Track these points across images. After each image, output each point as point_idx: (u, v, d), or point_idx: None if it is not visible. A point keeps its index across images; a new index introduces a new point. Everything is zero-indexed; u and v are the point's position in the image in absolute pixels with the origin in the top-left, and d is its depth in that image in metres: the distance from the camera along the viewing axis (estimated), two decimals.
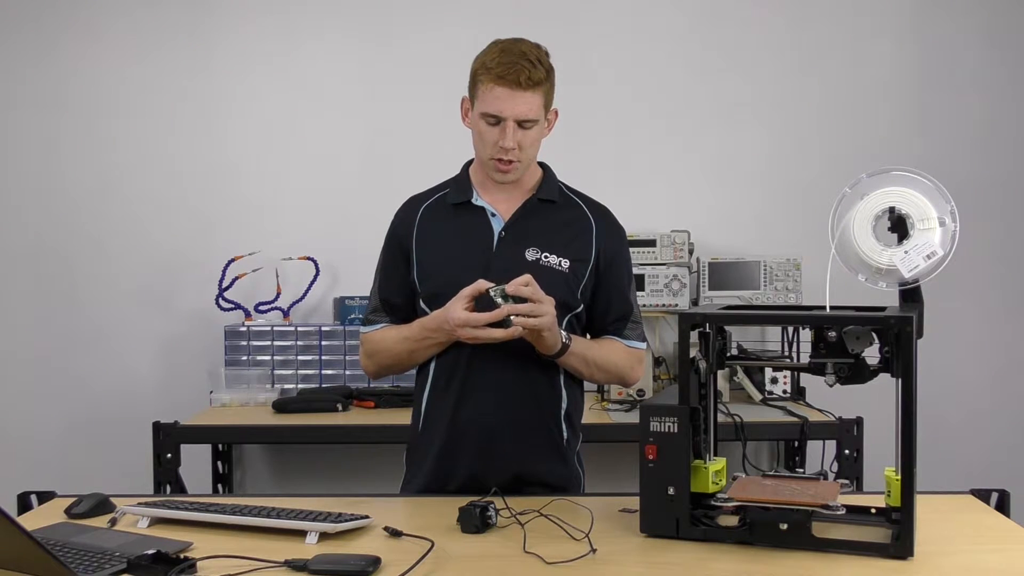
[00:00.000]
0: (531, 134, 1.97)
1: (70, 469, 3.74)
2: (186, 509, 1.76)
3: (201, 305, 3.75)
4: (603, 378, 2.14)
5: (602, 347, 2.08)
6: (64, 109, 3.82)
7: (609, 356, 2.07)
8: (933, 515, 1.74)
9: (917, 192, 1.66)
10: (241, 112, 3.83)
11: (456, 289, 1.95)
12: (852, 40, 3.81)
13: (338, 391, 3.44)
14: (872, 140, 3.78)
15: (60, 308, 3.82)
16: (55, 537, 1.62)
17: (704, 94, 3.82)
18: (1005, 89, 3.81)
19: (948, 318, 3.63)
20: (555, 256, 2.02)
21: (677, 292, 3.49)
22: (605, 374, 2.11)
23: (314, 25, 3.82)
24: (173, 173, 3.82)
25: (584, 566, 1.53)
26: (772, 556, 1.56)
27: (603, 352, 2.07)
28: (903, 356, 1.56)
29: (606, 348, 2.08)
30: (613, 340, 2.10)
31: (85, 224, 3.82)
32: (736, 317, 1.79)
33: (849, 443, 3.07)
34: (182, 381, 3.76)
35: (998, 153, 3.81)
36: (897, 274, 1.65)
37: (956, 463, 3.65)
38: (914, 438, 1.56)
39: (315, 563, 1.49)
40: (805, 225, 3.64)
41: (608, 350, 2.08)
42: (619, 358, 2.09)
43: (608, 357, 2.07)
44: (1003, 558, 1.57)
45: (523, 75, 1.90)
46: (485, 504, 1.72)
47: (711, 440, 1.75)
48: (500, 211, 2.05)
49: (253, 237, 3.76)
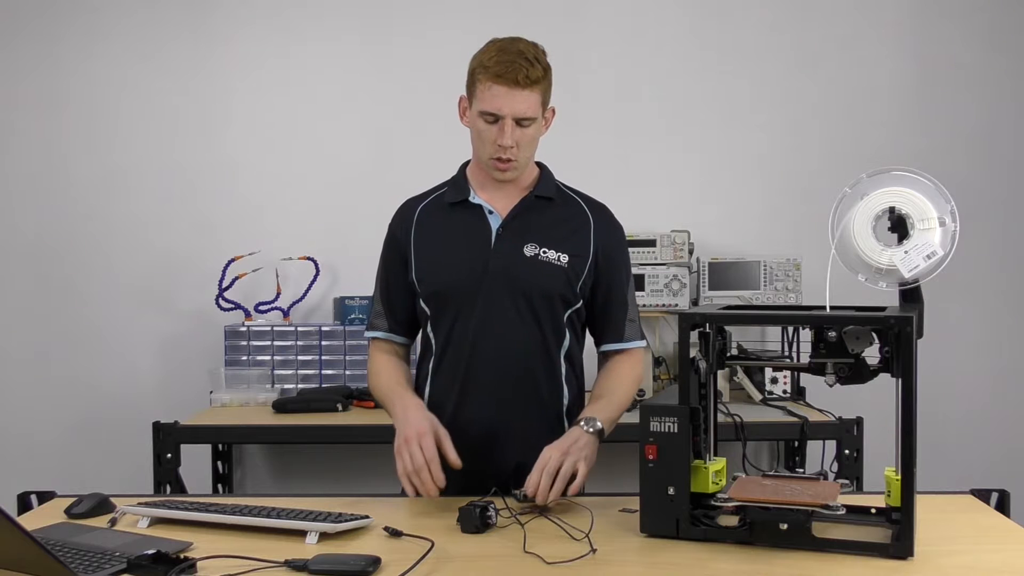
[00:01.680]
0: (529, 132, 1.97)
1: (70, 469, 3.74)
2: (186, 509, 1.76)
3: (201, 305, 3.75)
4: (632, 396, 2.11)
5: (614, 390, 2.05)
6: (64, 109, 3.82)
7: (625, 389, 2.06)
8: (933, 515, 1.74)
9: (917, 192, 1.66)
10: (241, 112, 3.83)
11: (455, 289, 1.96)
12: (852, 40, 3.81)
13: (338, 391, 3.44)
14: (872, 140, 3.78)
15: (60, 308, 3.82)
16: (55, 537, 1.62)
17: (704, 94, 3.82)
18: (1005, 89, 3.81)
19: (948, 318, 3.64)
20: (553, 251, 2.02)
21: (677, 292, 3.49)
22: (631, 395, 2.08)
23: (314, 25, 3.82)
24: (173, 173, 3.82)
25: (584, 566, 1.53)
26: (772, 556, 1.56)
27: (619, 395, 2.04)
28: (903, 356, 1.56)
29: (616, 385, 2.06)
30: (612, 365, 2.09)
31: (85, 224, 3.82)
32: (736, 317, 1.79)
33: (849, 443, 3.07)
34: (182, 381, 3.76)
35: (998, 153, 3.81)
36: (897, 274, 1.65)
37: (956, 463, 3.65)
38: (914, 438, 1.56)
39: (315, 563, 1.49)
40: (805, 225, 3.64)
41: (617, 383, 2.06)
42: (628, 382, 2.08)
43: (625, 391, 2.06)
44: (1003, 558, 1.56)
45: (521, 73, 1.91)
46: (485, 504, 1.72)
47: (711, 440, 1.75)
48: (497, 208, 2.05)
49: (253, 237, 3.76)
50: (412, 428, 1.89)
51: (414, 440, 1.86)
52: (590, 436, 1.90)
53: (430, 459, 1.84)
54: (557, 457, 1.82)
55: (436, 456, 1.85)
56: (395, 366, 2.12)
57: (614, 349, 2.11)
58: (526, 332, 2.00)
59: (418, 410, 1.95)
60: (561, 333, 2.04)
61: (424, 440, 1.85)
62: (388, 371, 2.10)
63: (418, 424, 1.89)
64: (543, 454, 1.84)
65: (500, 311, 2.00)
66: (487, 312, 2.00)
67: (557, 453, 1.83)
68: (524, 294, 2.00)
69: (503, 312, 2.00)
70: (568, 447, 1.85)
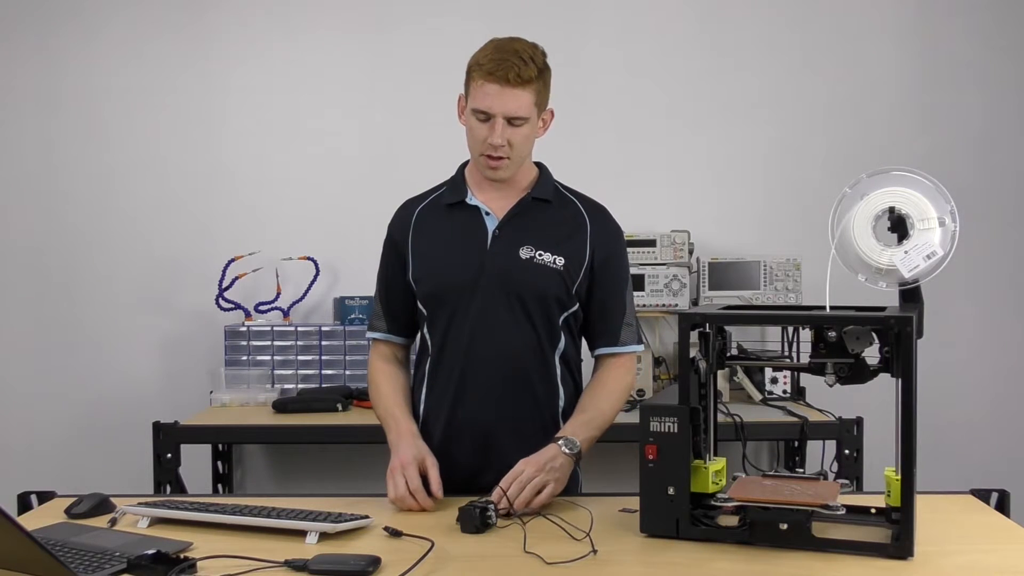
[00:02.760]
0: (521, 132, 1.96)
1: (70, 469, 3.74)
2: (186, 509, 1.77)
3: (201, 305, 3.75)
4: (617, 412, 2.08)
5: (599, 405, 2.02)
6: (62, 109, 3.82)
7: (611, 404, 2.03)
8: (933, 515, 1.74)
9: (917, 192, 1.66)
10: (241, 112, 3.83)
11: (451, 289, 1.97)
12: (852, 40, 3.81)
13: (338, 391, 3.44)
14: (872, 140, 3.78)
15: (60, 308, 3.82)
16: (55, 537, 1.62)
17: (705, 94, 3.82)
18: (1006, 89, 3.81)
19: (948, 318, 3.63)
20: (549, 254, 2.02)
21: (677, 292, 3.49)
22: (616, 412, 2.06)
23: (314, 25, 3.82)
24: (173, 173, 3.82)
25: (584, 566, 1.53)
26: (772, 556, 1.56)
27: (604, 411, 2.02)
28: (903, 356, 1.56)
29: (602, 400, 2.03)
30: (601, 375, 2.07)
31: (85, 224, 3.82)
32: (736, 317, 1.79)
33: (849, 443, 3.07)
34: (182, 381, 3.76)
35: (998, 153, 3.81)
36: (897, 274, 1.65)
37: (956, 463, 3.65)
38: (914, 438, 1.56)
39: (315, 563, 1.49)
40: (805, 225, 3.63)
41: (603, 397, 2.03)
42: (616, 396, 2.05)
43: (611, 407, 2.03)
44: (1003, 558, 1.57)
45: (512, 72, 1.90)
46: (485, 504, 1.72)
47: (711, 440, 1.75)
48: (494, 210, 2.05)
49: (253, 237, 3.76)
50: (398, 459, 1.92)
51: (399, 470, 1.89)
52: (566, 458, 1.90)
53: (414, 490, 1.86)
54: (530, 472, 1.84)
55: (419, 486, 1.87)
56: (394, 379, 2.11)
57: (608, 353, 2.09)
58: (520, 333, 2.00)
59: (408, 438, 1.97)
60: (556, 335, 2.04)
61: (408, 471, 1.88)
62: (387, 388, 2.09)
63: (403, 454, 1.92)
64: (517, 467, 1.85)
65: (495, 312, 1.99)
66: (482, 313, 2.00)
67: (532, 469, 1.84)
68: (519, 296, 1.99)
69: (498, 313, 1.99)
70: (544, 464, 1.86)
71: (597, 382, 2.08)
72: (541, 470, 1.85)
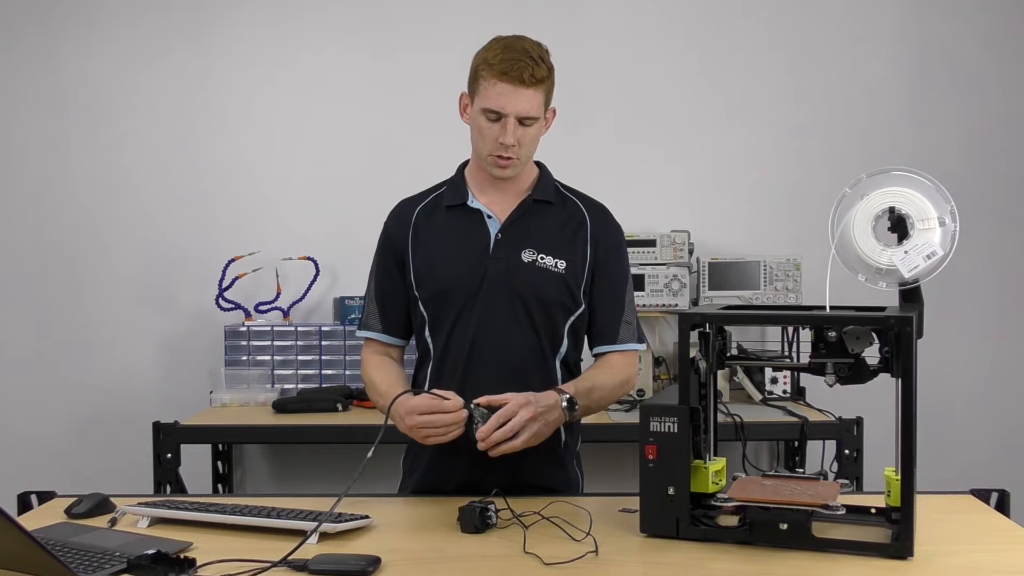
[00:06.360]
0: (531, 131, 1.96)
1: (70, 469, 3.74)
2: (186, 509, 1.77)
3: (201, 305, 3.75)
4: (612, 401, 2.11)
5: (604, 383, 2.03)
6: (66, 110, 3.82)
7: (612, 386, 2.05)
8: (933, 515, 1.74)
9: (917, 192, 1.66)
10: (242, 112, 3.83)
11: (454, 293, 1.97)
12: (851, 40, 3.81)
13: (338, 391, 3.44)
14: (872, 140, 3.78)
15: (61, 308, 3.82)
16: (55, 537, 1.63)
17: (704, 94, 3.82)
18: (1004, 89, 3.81)
19: (948, 318, 3.63)
20: (551, 257, 2.02)
21: (677, 292, 3.49)
22: (612, 399, 2.08)
23: (315, 27, 3.82)
24: (173, 173, 3.82)
25: (584, 566, 1.53)
26: (772, 556, 1.56)
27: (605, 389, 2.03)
28: (903, 356, 1.56)
29: (607, 379, 2.04)
30: (608, 358, 2.08)
31: (85, 224, 3.82)
32: (736, 317, 1.79)
33: (849, 443, 3.07)
34: (182, 381, 3.76)
35: (998, 153, 3.81)
36: (897, 274, 1.65)
37: (956, 463, 3.65)
38: (914, 438, 1.56)
39: (315, 563, 1.49)
40: (805, 225, 3.64)
41: (608, 377, 2.05)
42: (620, 379, 2.06)
43: (611, 389, 2.05)
44: (1003, 558, 1.57)
45: (526, 72, 1.90)
46: (485, 504, 1.72)
47: (711, 440, 1.75)
48: (496, 213, 2.05)
49: (253, 237, 3.76)
50: (404, 421, 1.90)
51: (412, 417, 1.87)
52: (561, 415, 1.91)
53: (435, 421, 1.85)
54: (524, 417, 1.84)
55: (437, 417, 1.85)
56: (387, 368, 2.10)
57: (608, 351, 2.09)
58: (521, 336, 2.00)
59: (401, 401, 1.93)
60: (558, 339, 2.04)
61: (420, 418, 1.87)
62: (379, 376, 2.07)
63: (403, 408, 1.89)
64: (511, 406, 1.84)
65: (497, 315, 1.99)
66: (484, 316, 1.99)
67: (527, 414, 1.84)
68: (521, 299, 1.99)
69: (500, 316, 1.99)
70: (539, 414, 1.86)
71: (604, 362, 2.08)
72: (535, 419, 1.86)
